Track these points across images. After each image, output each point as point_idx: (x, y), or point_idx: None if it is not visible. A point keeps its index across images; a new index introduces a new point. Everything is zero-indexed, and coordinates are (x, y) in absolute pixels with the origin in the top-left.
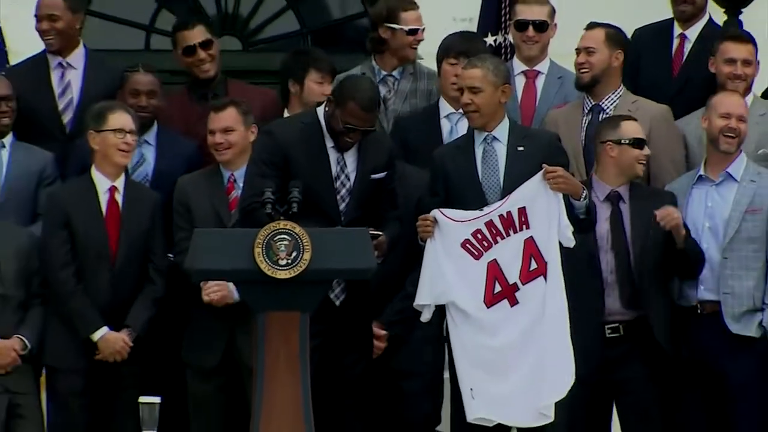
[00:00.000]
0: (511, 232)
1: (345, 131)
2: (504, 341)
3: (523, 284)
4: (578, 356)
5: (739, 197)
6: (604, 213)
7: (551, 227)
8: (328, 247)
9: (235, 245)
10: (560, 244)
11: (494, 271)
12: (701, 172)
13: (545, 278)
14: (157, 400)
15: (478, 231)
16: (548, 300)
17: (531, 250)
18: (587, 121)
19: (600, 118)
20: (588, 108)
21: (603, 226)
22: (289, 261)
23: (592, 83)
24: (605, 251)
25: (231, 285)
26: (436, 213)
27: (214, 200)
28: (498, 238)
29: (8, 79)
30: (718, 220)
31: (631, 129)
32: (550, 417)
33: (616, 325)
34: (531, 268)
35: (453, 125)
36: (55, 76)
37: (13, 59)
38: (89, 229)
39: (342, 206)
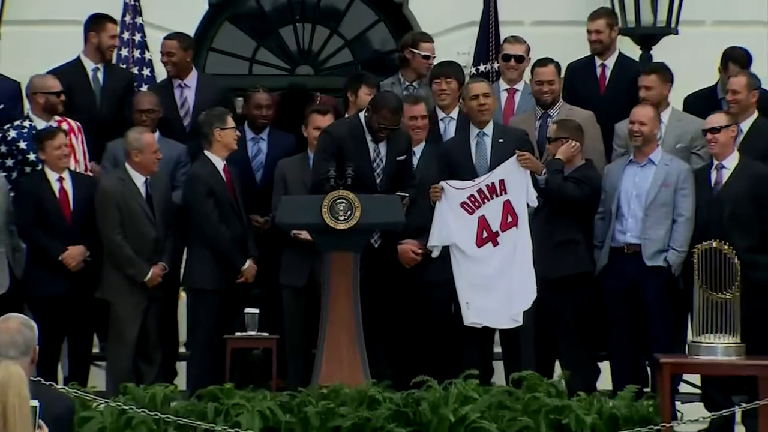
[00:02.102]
0: (494, 197)
1: (380, 129)
2: (489, 270)
3: (502, 232)
4: None
5: (657, 175)
6: None
7: (521, 193)
8: (371, 208)
9: (309, 206)
10: (528, 204)
11: (483, 224)
12: (631, 157)
13: (517, 227)
14: (256, 311)
15: (472, 195)
16: (518, 242)
17: (508, 209)
18: (539, 125)
19: (547, 123)
20: (539, 115)
21: None
22: (346, 217)
23: (553, 103)
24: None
25: None
26: (443, 183)
27: (303, 175)
28: (485, 201)
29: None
30: (642, 191)
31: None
32: (520, 322)
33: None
34: (507, 221)
35: (446, 125)
36: (177, 94)
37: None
38: (224, 194)
39: (378, 180)
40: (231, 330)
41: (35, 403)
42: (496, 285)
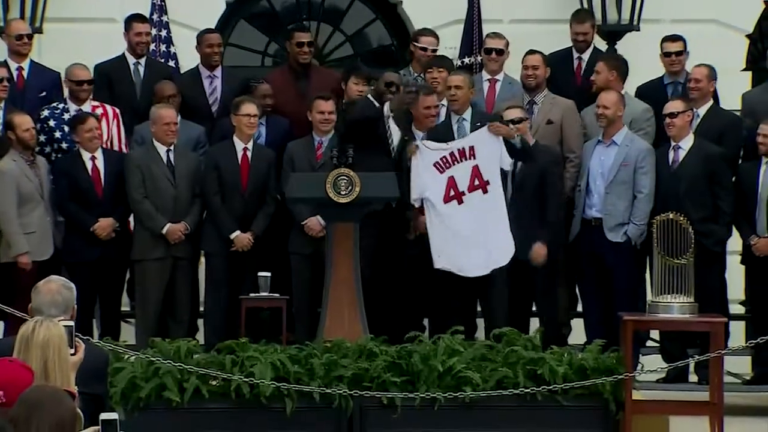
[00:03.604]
0: (463, 160)
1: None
2: (454, 225)
3: (468, 192)
4: None
5: (618, 155)
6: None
7: (492, 161)
8: (370, 184)
9: (315, 182)
10: (502, 169)
11: (451, 183)
12: (600, 138)
13: (484, 192)
14: (268, 274)
15: (444, 157)
16: (491, 206)
17: (475, 173)
18: (527, 109)
19: (533, 109)
20: (527, 101)
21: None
22: (347, 192)
23: (536, 87)
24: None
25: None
26: (419, 142)
27: (309, 155)
28: (455, 163)
29: (175, 82)
30: (606, 169)
31: (509, 113)
32: (486, 272)
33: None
34: (474, 184)
35: (438, 110)
36: (206, 83)
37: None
38: (230, 173)
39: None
40: (246, 291)
41: (71, 323)
42: (463, 239)
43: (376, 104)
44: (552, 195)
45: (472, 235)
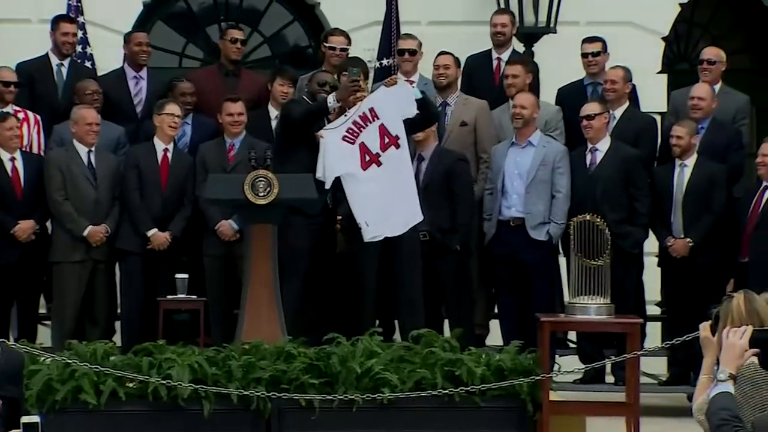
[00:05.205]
0: (368, 124)
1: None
2: (379, 188)
3: (383, 153)
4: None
5: (536, 156)
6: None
7: (395, 115)
8: (288, 185)
9: (233, 184)
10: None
11: (363, 149)
12: (514, 139)
13: (397, 147)
14: (185, 276)
15: (349, 129)
16: (402, 160)
17: (383, 131)
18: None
19: (446, 110)
20: (439, 103)
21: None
22: (265, 193)
23: (447, 86)
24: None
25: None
26: (321, 132)
27: (220, 157)
28: (361, 129)
29: (97, 83)
30: (523, 170)
31: None
32: (409, 226)
33: (424, 232)
34: (385, 142)
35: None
36: (131, 84)
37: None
38: (150, 172)
39: None
40: (162, 293)
41: None
42: (387, 199)
43: (311, 102)
44: (463, 198)
45: (395, 192)
